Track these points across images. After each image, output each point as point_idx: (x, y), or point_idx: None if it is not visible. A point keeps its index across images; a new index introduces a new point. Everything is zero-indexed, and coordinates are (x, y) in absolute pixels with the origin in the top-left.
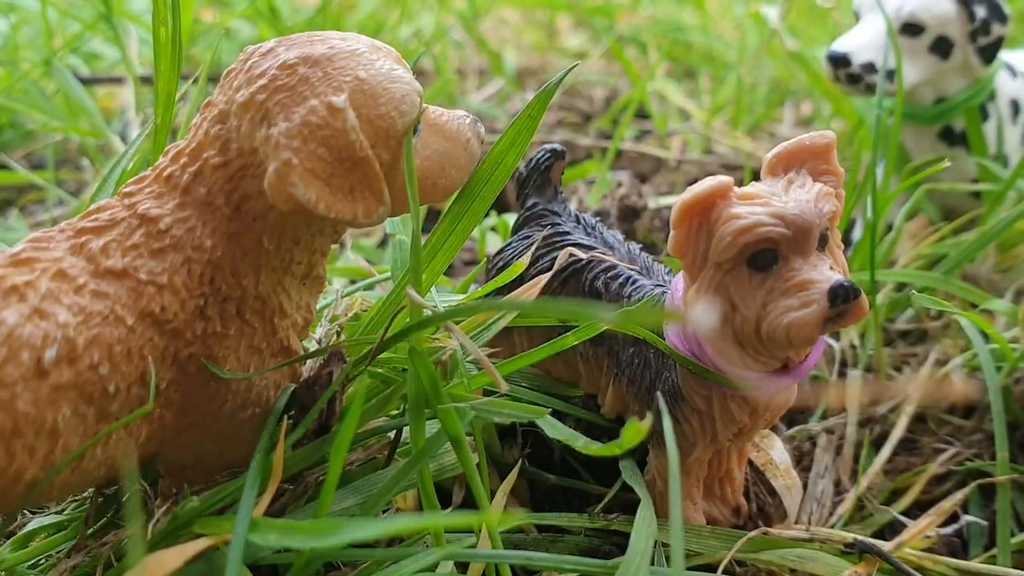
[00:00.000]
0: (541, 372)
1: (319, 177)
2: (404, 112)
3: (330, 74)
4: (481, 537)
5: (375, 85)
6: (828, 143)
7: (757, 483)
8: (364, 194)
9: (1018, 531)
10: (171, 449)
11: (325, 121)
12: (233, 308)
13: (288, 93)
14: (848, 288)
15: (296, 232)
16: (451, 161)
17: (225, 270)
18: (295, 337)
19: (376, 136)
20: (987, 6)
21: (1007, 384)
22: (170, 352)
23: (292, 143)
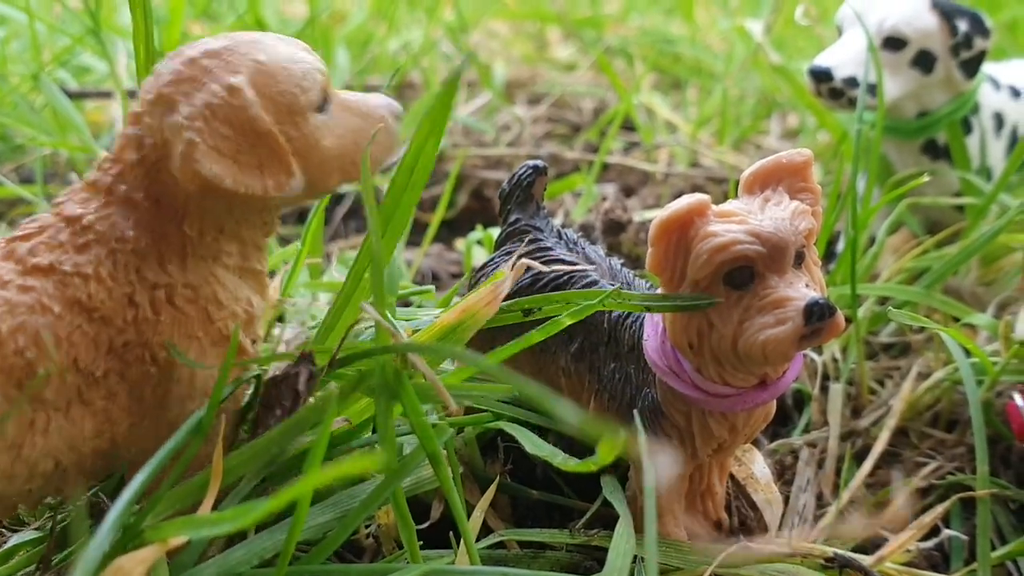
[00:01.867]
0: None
1: (224, 154)
2: (305, 88)
3: (229, 61)
4: (460, 553)
5: (274, 65)
6: (805, 161)
7: (739, 497)
8: (273, 168)
9: (999, 545)
10: (127, 445)
11: (225, 100)
12: (163, 295)
13: (191, 83)
14: (823, 306)
15: (218, 219)
16: (366, 136)
17: (150, 259)
18: (238, 329)
19: (279, 113)
20: (969, 20)
21: (988, 398)
22: (104, 340)
23: (195, 124)
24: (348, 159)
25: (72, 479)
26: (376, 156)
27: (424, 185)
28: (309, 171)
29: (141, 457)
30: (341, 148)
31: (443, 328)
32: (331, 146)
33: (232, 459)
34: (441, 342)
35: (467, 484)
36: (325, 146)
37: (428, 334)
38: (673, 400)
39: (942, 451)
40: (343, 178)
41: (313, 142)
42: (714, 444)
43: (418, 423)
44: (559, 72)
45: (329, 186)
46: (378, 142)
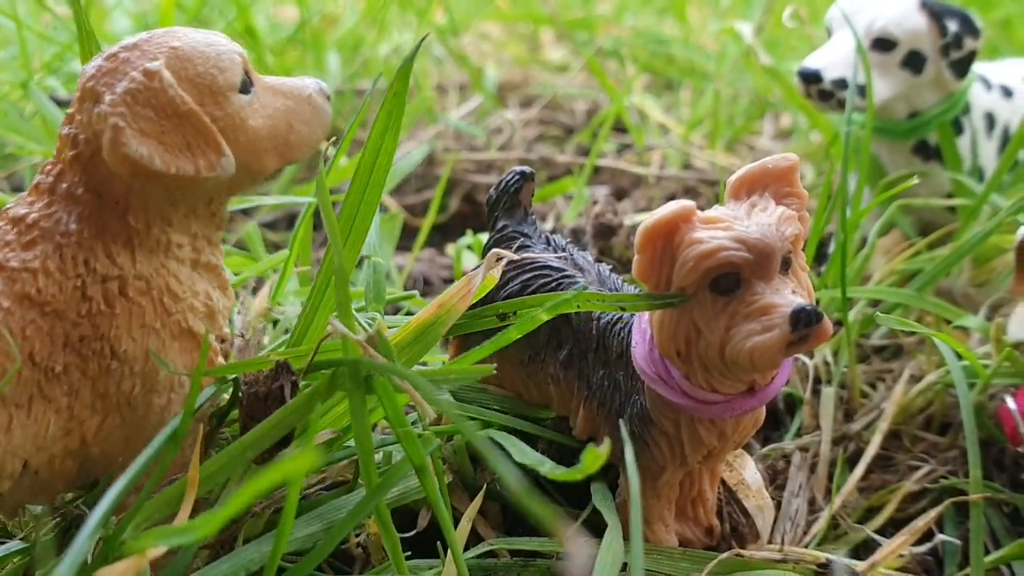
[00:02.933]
0: (512, 395)
1: (149, 135)
2: (223, 68)
3: (146, 50)
4: (447, 562)
5: (190, 50)
6: (791, 166)
7: (730, 503)
8: (202, 148)
9: (993, 549)
10: (98, 445)
11: (144, 85)
12: (115, 288)
13: (112, 74)
14: (810, 312)
15: (163, 211)
16: (296, 117)
17: (97, 251)
18: (197, 322)
19: (200, 95)
20: (959, 20)
21: (980, 401)
22: (59, 334)
23: (118, 110)
24: (281, 139)
25: (48, 483)
26: (307, 136)
27: (384, 182)
28: (240, 152)
29: (114, 459)
30: (271, 128)
31: (420, 325)
32: (260, 126)
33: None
34: (417, 341)
35: (457, 492)
36: (253, 126)
37: (404, 332)
38: (662, 407)
39: (935, 454)
40: (278, 158)
41: (239, 122)
42: (704, 451)
43: (403, 433)
44: (551, 74)
45: (265, 167)
46: (308, 120)
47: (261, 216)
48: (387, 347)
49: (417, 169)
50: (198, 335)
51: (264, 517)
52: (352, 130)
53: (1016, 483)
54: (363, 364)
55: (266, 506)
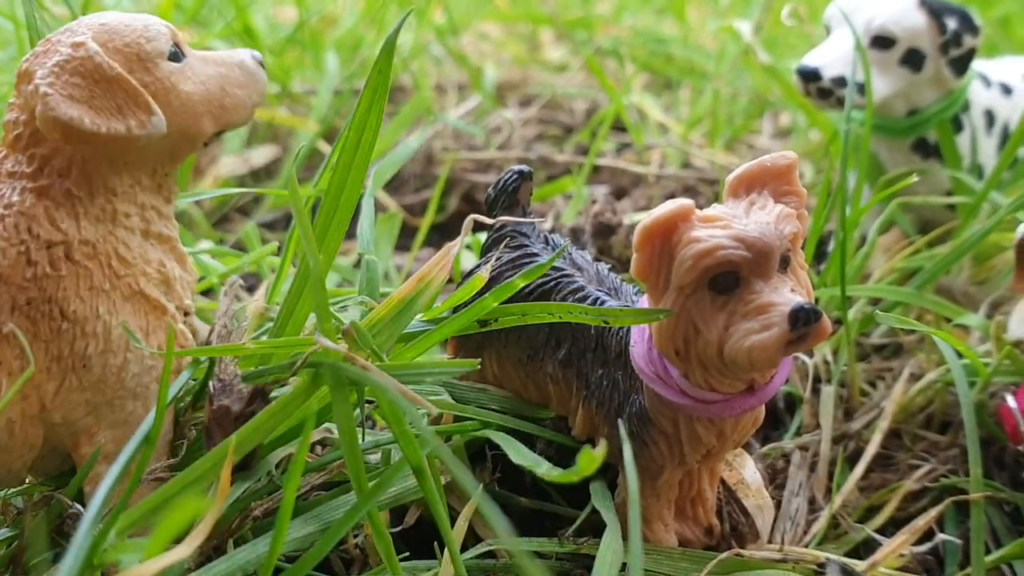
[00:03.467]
0: (512, 394)
1: (78, 100)
2: (149, 38)
3: (75, 30)
4: (444, 562)
5: (116, 24)
6: (789, 164)
7: (730, 502)
8: (132, 109)
9: (994, 548)
10: (61, 413)
11: (71, 56)
12: (60, 252)
13: (44, 55)
14: (808, 311)
15: (105, 179)
16: (229, 80)
17: (40, 219)
18: (151, 287)
19: (128, 62)
20: (958, 18)
21: (981, 399)
22: (5, 299)
23: (47, 80)
24: (215, 103)
25: (12, 451)
26: (242, 98)
27: (368, 161)
28: (174, 115)
29: (78, 427)
30: (205, 93)
31: (400, 300)
32: (192, 90)
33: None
34: (399, 317)
35: (455, 492)
36: (185, 90)
37: (385, 308)
38: (661, 406)
39: (935, 453)
40: (215, 122)
41: (170, 85)
42: (703, 450)
43: (400, 433)
44: (551, 74)
45: (203, 129)
46: (241, 84)
47: (260, 216)
48: (366, 340)
49: (416, 168)
50: (151, 298)
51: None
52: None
53: (1017, 482)
54: (343, 370)
55: (262, 507)
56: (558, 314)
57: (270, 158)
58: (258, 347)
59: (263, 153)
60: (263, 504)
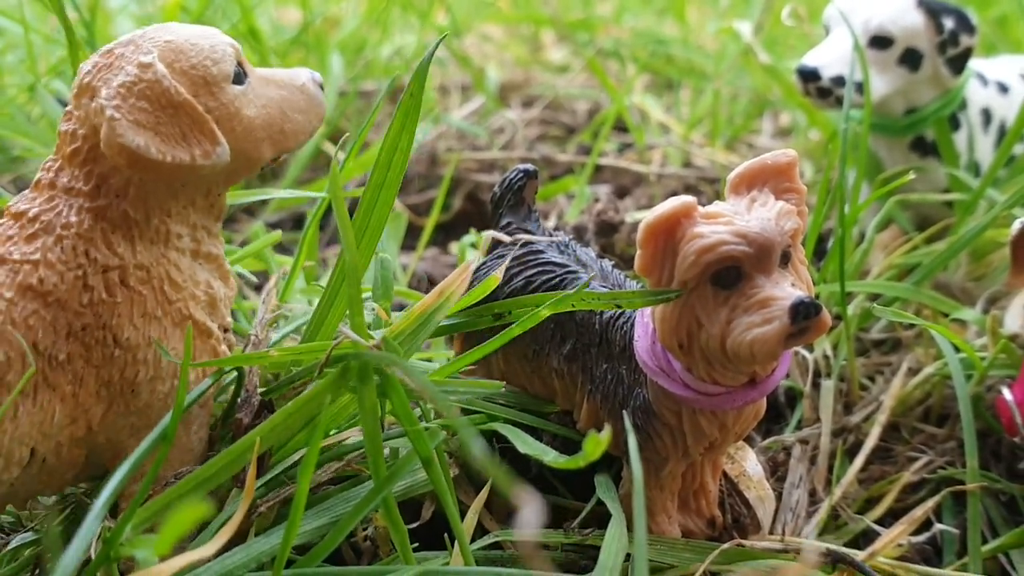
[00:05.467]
0: (518, 389)
1: (145, 126)
2: (216, 60)
3: (140, 45)
4: (454, 554)
5: (183, 43)
6: (789, 161)
7: (732, 494)
8: (197, 137)
9: (991, 538)
10: (106, 435)
11: (138, 78)
12: (116, 277)
13: (107, 69)
14: (809, 304)
15: (163, 202)
16: (291, 105)
17: (97, 242)
18: (199, 310)
19: (194, 86)
20: (955, 17)
21: (978, 392)
22: (62, 324)
23: (113, 102)
24: (276, 128)
25: (56, 471)
26: (302, 124)
27: (400, 181)
28: (236, 140)
29: (121, 447)
30: (266, 117)
31: (421, 312)
32: (254, 115)
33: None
34: (420, 328)
35: (462, 485)
36: (248, 115)
37: (406, 320)
38: (664, 399)
39: (933, 445)
40: (274, 147)
41: (234, 111)
42: (705, 442)
43: (410, 427)
44: (553, 75)
45: (262, 155)
46: (302, 109)
47: (267, 216)
48: (393, 347)
49: (420, 169)
50: (200, 323)
51: (273, 511)
52: (364, 132)
53: (1013, 472)
54: (372, 359)
55: (275, 500)
56: (572, 302)
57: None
58: (282, 354)
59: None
60: (277, 496)
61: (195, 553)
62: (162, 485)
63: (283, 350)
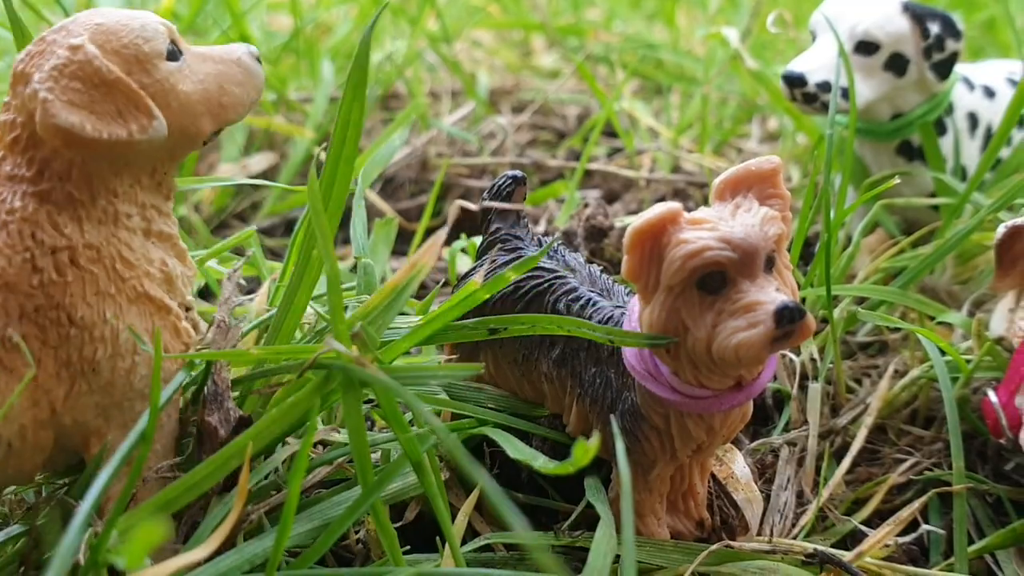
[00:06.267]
0: (507, 393)
1: (79, 105)
2: (148, 38)
3: (71, 30)
4: (445, 556)
5: (112, 24)
6: (773, 168)
7: (720, 496)
8: (133, 113)
9: (977, 538)
10: (71, 416)
11: (69, 59)
12: (65, 258)
13: (39, 56)
14: (793, 309)
15: (106, 181)
16: (228, 78)
17: (43, 224)
18: (154, 287)
19: (127, 64)
20: (941, 23)
21: (963, 394)
22: (13, 306)
23: (46, 85)
24: (214, 102)
25: (24, 456)
26: (240, 96)
27: (355, 155)
28: (174, 116)
29: (88, 429)
30: (204, 92)
31: (393, 288)
32: (191, 90)
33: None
34: (391, 305)
35: (453, 489)
36: (184, 91)
37: (379, 297)
38: (652, 403)
39: (919, 447)
40: (214, 121)
41: (169, 87)
42: (693, 445)
43: (400, 432)
44: (543, 80)
45: (202, 129)
46: (240, 82)
47: (259, 222)
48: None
49: (411, 174)
50: (156, 299)
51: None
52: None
53: (998, 474)
54: (355, 372)
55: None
56: (567, 328)
57: (267, 165)
58: (261, 352)
59: (260, 160)
60: (267, 501)
61: (187, 556)
62: (141, 480)
63: (263, 349)
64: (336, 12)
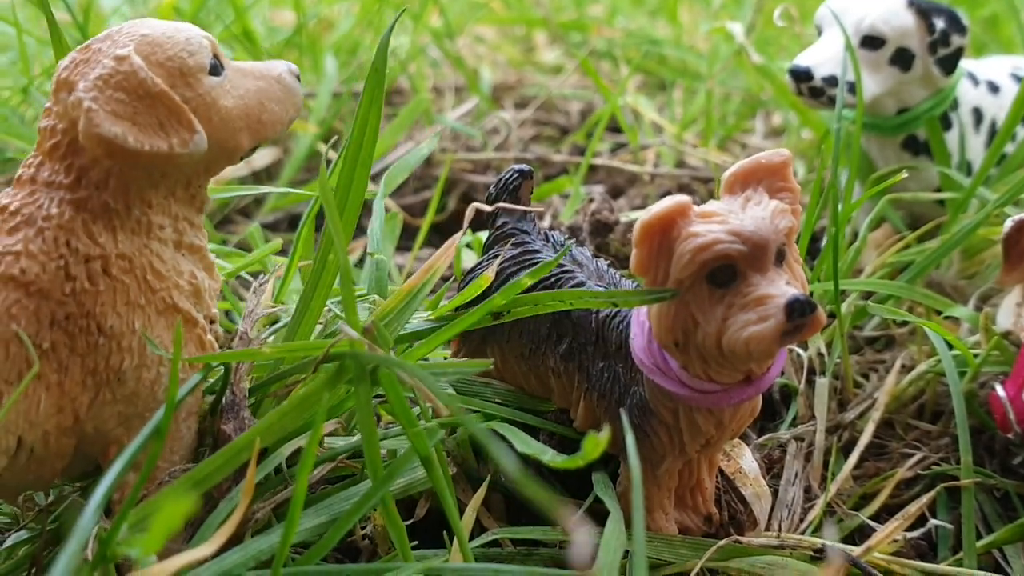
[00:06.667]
0: (514, 388)
1: (122, 116)
2: (192, 51)
3: (116, 40)
4: (453, 551)
5: (158, 36)
6: (783, 161)
7: (728, 491)
8: (174, 126)
9: (985, 533)
10: (93, 424)
11: (115, 70)
12: (98, 267)
13: (84, 64)
14: (804, 302)
15: (143, 192)
16: (268, 95)
17: (78, 232)
18: (183, 299)
19: (171, 77)
20: (946, 18)
21: (971, 389)
22: (45, 313)
23: (90, 94)
24: (253, 118)
25: (45, 462)
26: (279, 114)
27: (371, 159)
28: (214, 131)
29: (109, 437)
30: (244, 108)
31: (408, 291)
32: (232, 106)
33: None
34: (407, 307)
35: (460, 484)
36: (225, 105)
37: (394, 299)
38: (661, 397)
39: (927, 442)
40: (252, 137)
41: (211, 101)
42: (702, 440)
43: (409, 426)
44: (546, 75)
45: (240, 145)
46: (279, 99)
47: (263, 217)
48: (385, 338)
49: (415, 170)
50: (185, 312)
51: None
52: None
53: (1006, 468)
54: (368, 358)
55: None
56: (568, 300)
57: (271, 160)
58: (274, 351)
59: (264, 155)
60: (272, 498)
61: (194, 552)
62: (156, 484)
63: (276, 347)
64: (338, 8)
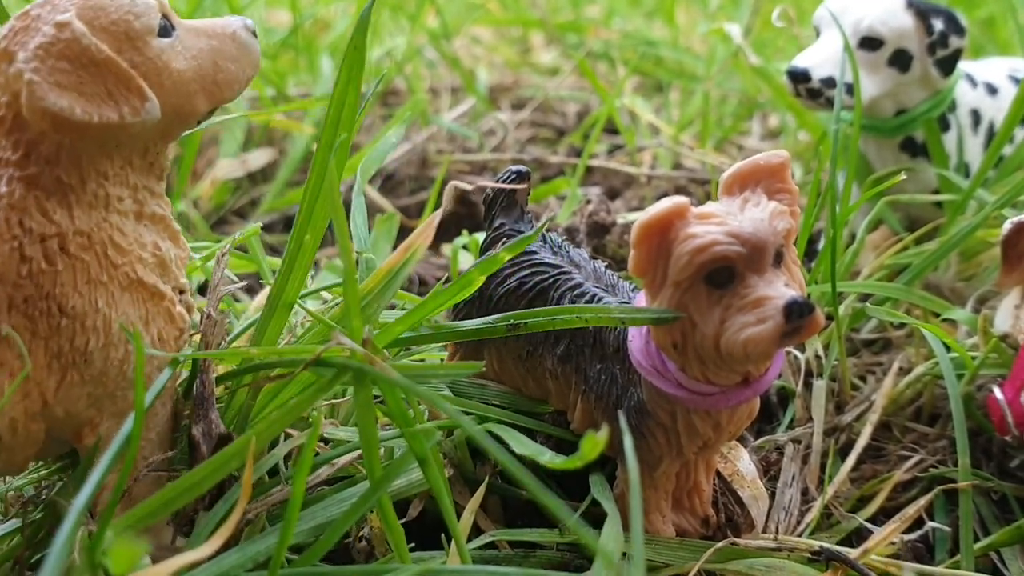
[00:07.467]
0: (511, 390)
1: (67, 87)
2: (138, 14)
3: (57, 5)
4: (451, 553)
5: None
6: (782, 162)
7: (725, 494)
8: (124, 94)
9: (983, 536)
10: (63, 407)
11: (56, 37)
12: (55, 245)
13: (24, 32)
14: (802, 304)
15: (97, 164)
16: (223, 54)
17: (31, 211)
18: (148, 273)
19: (117, 42)
20: (945, 19)
21: (968, 391)
22: (2, 298)
23: (31, 65)
24: (208, 79)
25: (15, 448)
26: (235, 73)
27: (350, 140)
28: (167, 95)
29: (81, 419)
30: (197, 69)
31: (388, 270)
32: (184, 68)
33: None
34: (387, 287)
35: (457, 486)
36: (177, 68)
37: (374, 280)
38: (658, 399)
39: (924, 444)
40: (208, 99)
41: (162, 65)
42: (699, 442)
43: (406, 429)
44: (543, 77)
45: (196, 108)
46: (235, 58)
47: (257, 218)
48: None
49: (411, 171)
50: (149, 285)
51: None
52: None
53: (1004, 471)
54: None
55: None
56: (585, 317)
57: (267, 161)
58: (261, 351)
59: (260, 156)
60: (268, 499)
61: (191, 554)
62: (133, 478)
63: (264, 349)
64: (335, 8)
